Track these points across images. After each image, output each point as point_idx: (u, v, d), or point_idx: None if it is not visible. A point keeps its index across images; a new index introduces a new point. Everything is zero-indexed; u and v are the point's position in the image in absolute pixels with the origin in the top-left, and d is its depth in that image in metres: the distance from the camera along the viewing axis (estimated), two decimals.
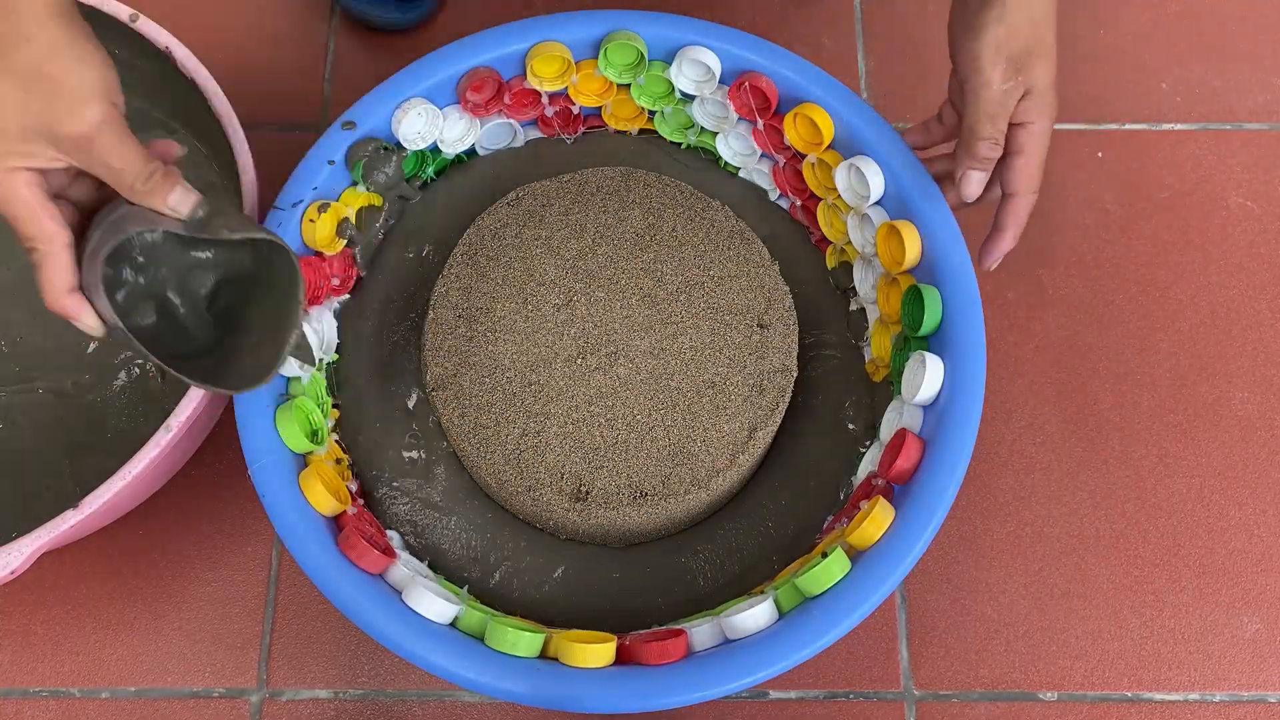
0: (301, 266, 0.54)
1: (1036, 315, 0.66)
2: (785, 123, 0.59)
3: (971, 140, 0.51)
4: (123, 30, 0.60)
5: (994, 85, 0.50)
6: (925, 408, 0.53)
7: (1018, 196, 0.53)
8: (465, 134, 0.61)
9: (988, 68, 0.50)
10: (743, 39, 0.58)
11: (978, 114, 0.51)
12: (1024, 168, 0.52)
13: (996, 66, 0.50)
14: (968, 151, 0.52)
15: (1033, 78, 0.50)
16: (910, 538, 0.49)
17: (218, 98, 0.58)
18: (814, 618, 0.48)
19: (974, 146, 0.51)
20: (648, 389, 0.54)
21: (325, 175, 0.56)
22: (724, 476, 0.53)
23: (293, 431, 0.51)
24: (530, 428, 0.54)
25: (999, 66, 0.50)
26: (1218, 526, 0.61)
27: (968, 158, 0.52)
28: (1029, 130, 0.51)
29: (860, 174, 0.56)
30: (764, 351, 0.55)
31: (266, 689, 0.58)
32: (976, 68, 0.50)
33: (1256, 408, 0.64)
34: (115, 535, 0.60)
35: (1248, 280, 0.67)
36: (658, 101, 0.62)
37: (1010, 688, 0.58)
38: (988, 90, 0.50)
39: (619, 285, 0.56)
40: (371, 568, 0.49)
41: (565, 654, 0.48)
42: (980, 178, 0.53)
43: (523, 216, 0.58)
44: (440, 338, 0.56)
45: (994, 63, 0.50)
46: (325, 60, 0.73)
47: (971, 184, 0.53)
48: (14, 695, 0.58)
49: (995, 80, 0.50)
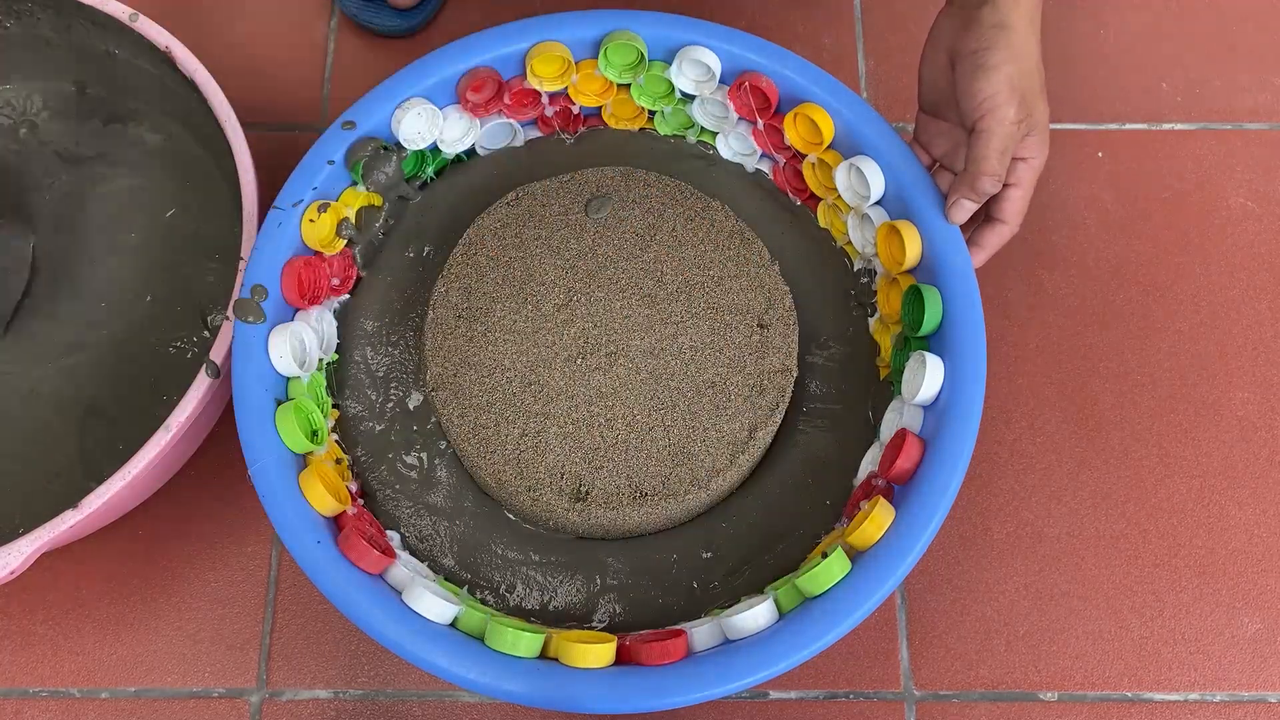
0: (301, 266, 0.55)
1: (1036, 315, 0.66)
2: (785, 123, 0.59)
3: (978, 175, 0.52)
4: (123, 30, 0.60)
5: (1008, 122, 0.51)
6: (925, 408, 0.53)
7: (1005, 225, 0.55)
8: (465, 134, 0.61)
9: (1004, 105, 0.51)
10: (743, 39, 0.58)
11: (989, 150, 0.51)
12: (1020, 199, 0.54)
13: (1012, 105, 0.51)
14: (970, 185, 0.52)
15: (1036, 116, 0.52)
16: (910, 538, 0.49)
17: (217, 98, 0.58)
18: (814, 618, 0.48)
19: (979, 181, 0.52)
20: (648, 389, 0.54)
21: (325, 175, 0.56)
22: (724, 476, 0.53)
23: (293, 431, 0.51)
24: (530, 428, 0.54)
25: (1013, 105, 0.51)
26: (1218, 526, 0.61)
27: (968, 189, 0.52)
28: (1029, 165, 0.53)
29: (860, 174, 0.56)
30: (764, 351, 0.55)
31: (266, 689, 0.58)
32: (993, 105, 0.51)
33: (1256, 408, 0.64)
34: (115, 535, 0.60)
35: (1248, 280, 0.67)
36: (658, 101, 0.62)
37: (1010, 688, 0.58)
38: (1003, 127, 0.51)
39: (619, 285, 0.56)
40: (371, 568, 0.49)
41: (565, 654, 0.48)
42: (972, 209, 0.54)
43: (523, 216, 0.58)
44: (440, 338, 0.56)
45: (1009, 101, 0.51)
46: (325, 60, 0.73)
47: (962, 213, 0.54)
48: (14, 695, 0.58)
49: (1010, 117, 0.51)
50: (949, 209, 0.54)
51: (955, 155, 0.57)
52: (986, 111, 0.51)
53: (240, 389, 0.52)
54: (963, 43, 0.52)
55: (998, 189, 0.52)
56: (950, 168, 0.57)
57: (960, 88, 0.52)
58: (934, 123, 0.57)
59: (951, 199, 0.53)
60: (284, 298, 0.55)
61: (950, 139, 0.57)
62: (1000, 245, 0.56)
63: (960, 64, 0.52)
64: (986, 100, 0.51)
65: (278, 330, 0.53)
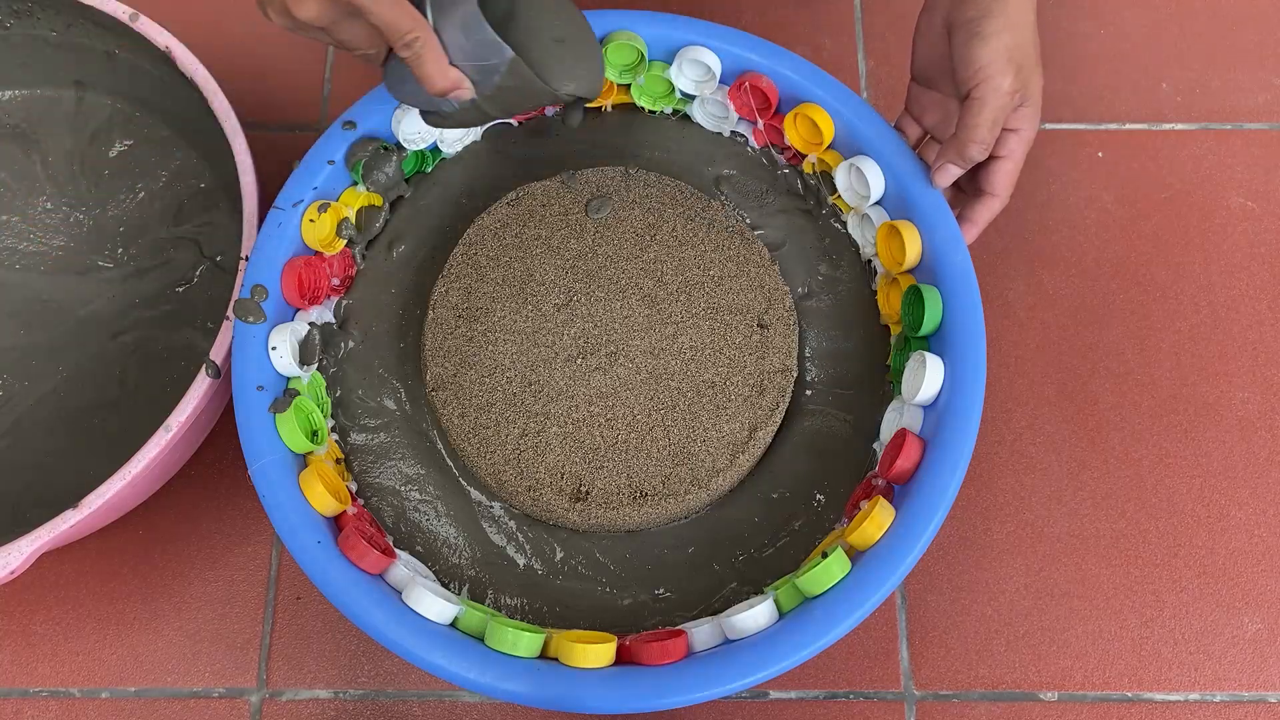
0: (301, 266, 0.55)
1: (1036, 315, 0.66)
2: (785, 123, 0.59)
3: (967, 141, 0.52)
4: (123, 30, 0.60)
5: (1003, 91, 0.51)
6: (925, 408, 0.53)
7: (996, 198, 0.55)
8: (465, 134, 0.61)
9: (998, 75, 0.51)
10: (743, 39, 0.58)
11: (980, 118, 0.51)
12: (1010, 171, 0.54)
13: (1007, 74, 0.51)
14: (958, 151, 0.52)
15: (1031, 88, 0.52)
16: (910, 538, 0.49)
17: (217, 98, 0.58)
18: (814, 618, 0.48)
19: (967, 148, 0.52)
20: (648, 389, 0.54)
21: (325, 175, 0.56)
22: (724, 476, 0.53)
23: (293, 431, 0.51)
24: (530, 428, 0.54)
25: (1009, 74, 0.51)
26: (1218, 526, 0.61)
27: (955, 155, 0.53)
28: (1020, 136, 0.53)
29: (860, 174, 0.56)
30: (764, 351, 0.55)
31: (266, 689, 0.58)
32: (987, 74, 0.51)
33: (1256, 408, 0.64)
34: (115, 535, 0.60)
35: (1248, 280, 0.67)
36: (658, 101, 0.62)
37: (1010, 688, 0.58)
38: (996, 96, 0.51)
39: (619, 285, 0.56)
40: (371, 568, 0.49)
41: (565, 654, 0.48)
42: (957, 174, 0.54)
43: (523, 216, 0.58)
44: (440, 338, 0.56)
45: (1004, 71, 0.51)
46: (325, 60, 0.73)
47: (946, 177, 0.54)
48: (14, 695, 0.58)
49: (1005, 86, 0.51)
50: (934, 173, 0.54)
51: (945, 126, 0.56)
52: (981, 80, 0.51)
53: (240, 389, 0.52)
54: (959, 11, 0.52)
55: (984, 157, 0.53)
56: (940, 139, 0.57)
57: (956, 56, 0.52)
58: (926, 93, 0.57)
59: (937, 164, 0.54)
60: (284, 298, 0.55)
61: (942, 110, 0.57)
62: (990, 219, 0.56)
63: (956, 32, 0.52)
64: (982, 69, 0.51)
65: (278, 330, 0.53)
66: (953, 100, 0.55)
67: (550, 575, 0.54)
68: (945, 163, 0.53)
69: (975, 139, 0.52)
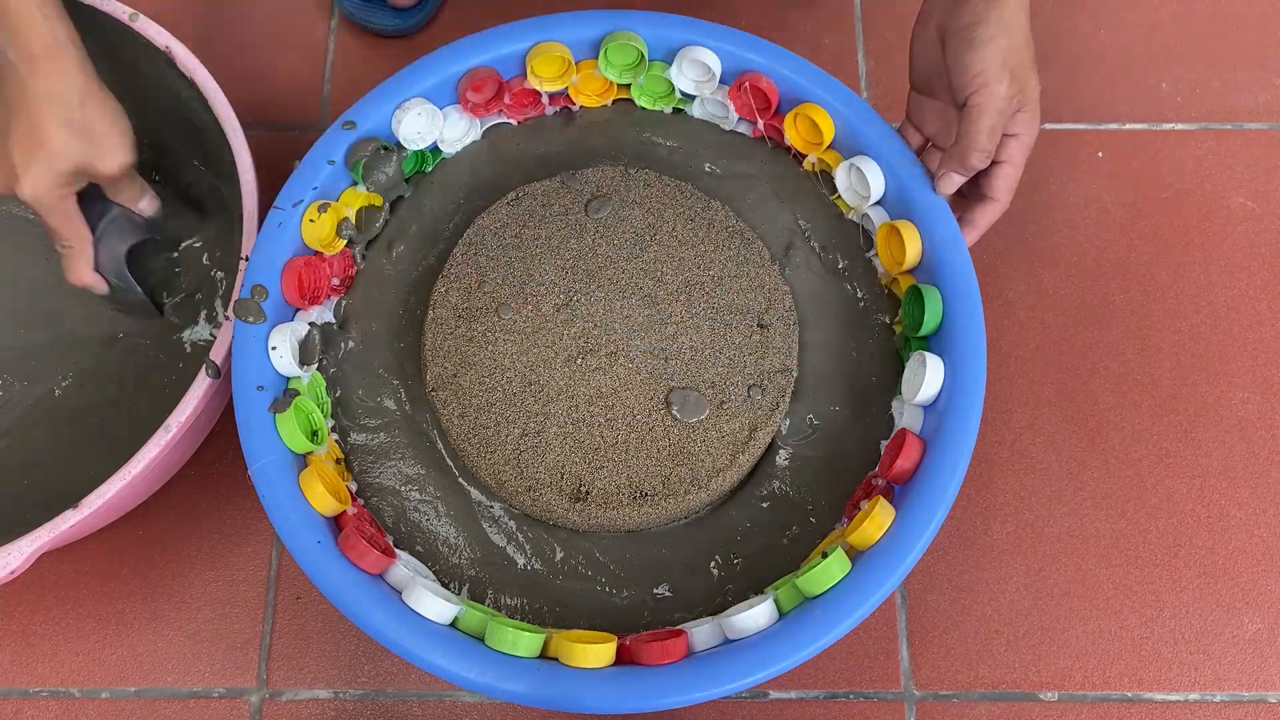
0: (301, 266, 0.55)
1: (1036, 315, 0.66)
2: (786, 123, 0.59)
3: (968, 149, 0.52)
4: (123, 30, 0.60)
5: (1000, 97, 0.51)
6: (925, 408, 0.53)
7: (997, 203, 0.55)
8: (465, 134, 0.61)
9: (994, 81, 0.51)
10: (743, 39, 0.58)
11: (980, 126, 0.51)
12: (1010, 176, 0.54)
13: (1003, 80, 0.51)
14: (960, 160, 0.53)
15: (1028, 92, 0.52)
16: (910, 538, 0.49)
17: (217, 97, 0.58)
18: (814, 618, 0.48)
19: (968, 156, 0.52)
20: (648, 389, 0.54)
21: (325, 175, 0.56)
22: (724, 476, 0.53)
23: (293, 431, 0.51)
24: (530, 428, 0.54)
25: (1004, 80, 0.51)
26: (1218, 526, 0.61)
27: (956, 163, 0.53)
28: (1020, 141, 0.53)
29: (860, 174, 0.57)
30: (764, 351, 0.55)
31: (266, 689, 0.58)
32: (983, 81, 0.51)
33: (1256, 408, 0.64)
34: (115, 535, 0.60)
35: (1248, 280, 0.67)
36: (658, 101, 0.62)
37: (1010, 688, 0.58)
38: (994, 103, 0.51)
39: (619, 285, 0.56)
40: (371, 568, 0.49)
41: (565, 654, 0.48)
42: (959, 182, 0.54)
43: (523, 216, 0.58)
44: (440, 338, 0.56)
45: (1000, 77, 0.51)
46: (325, 60, 0.73)
47: (950, 185, 0.54)
48: (14, 695, 0.58)
49: (1001, 93, 0.51)
50: (937, 181, 0.54)
51: (946, 133, 0.57)
52: (978, 87, 0.51)
53: (240, 389, 0.52)
54: (954, 18, 0.52)
55: (986, 164, 0.53)
56: (941, 146, 0.57)
57: (951, 63, 0.52)
58: (925, 101, 0.57)
59: (940, 173, 0.54)
60: (284, 298, 0.55)
61: (942, 118, 0.57)
62: (991, 222, 0.56)
63: (951, 39, 0.52)
64: (978, 76, 0.51)
65: (278, 330, 0.53)
66: (952, 108, 0.55)
67: (550, 575, 0.54)
68: (948, 172, 0.54)
69: (975, 146, 0.52)
